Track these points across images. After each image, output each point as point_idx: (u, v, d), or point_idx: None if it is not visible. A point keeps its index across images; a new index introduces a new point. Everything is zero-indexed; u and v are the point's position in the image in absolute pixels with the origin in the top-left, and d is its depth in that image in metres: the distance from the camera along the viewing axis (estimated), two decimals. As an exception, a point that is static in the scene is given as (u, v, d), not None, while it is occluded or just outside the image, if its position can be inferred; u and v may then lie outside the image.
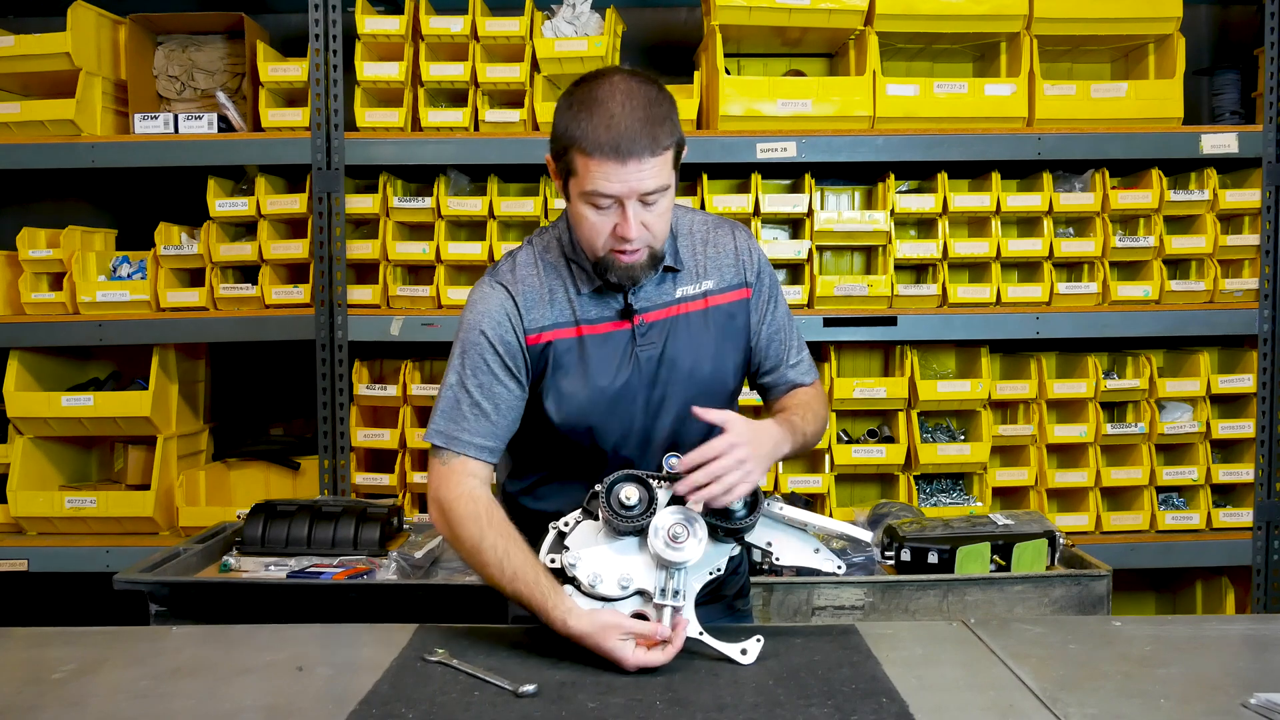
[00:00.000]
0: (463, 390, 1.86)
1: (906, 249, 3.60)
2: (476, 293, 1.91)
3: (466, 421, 1.86)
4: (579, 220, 1.81)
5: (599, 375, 1.86)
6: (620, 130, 1.71)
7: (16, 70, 3.63)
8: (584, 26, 3.60)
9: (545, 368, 1.88)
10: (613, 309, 1.89)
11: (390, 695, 1.62)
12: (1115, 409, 3.75)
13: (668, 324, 1.90)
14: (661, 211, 1.80)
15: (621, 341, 1.88)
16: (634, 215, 1.76)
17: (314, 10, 3.46)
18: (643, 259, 1.82)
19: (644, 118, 1.73)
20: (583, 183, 1.76)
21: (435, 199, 3.58)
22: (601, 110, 1.73)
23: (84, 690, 1.67)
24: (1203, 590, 3.88)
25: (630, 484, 1.74)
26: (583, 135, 1.73)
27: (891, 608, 2.52)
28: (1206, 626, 1.99)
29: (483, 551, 1.79)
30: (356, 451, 3.64)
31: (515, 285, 1.89)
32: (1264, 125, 3.53)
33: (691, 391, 1.89)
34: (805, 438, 1.93)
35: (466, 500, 1.82)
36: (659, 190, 1.76)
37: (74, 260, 3.63)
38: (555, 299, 1.89)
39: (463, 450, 1.85)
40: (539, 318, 1.87)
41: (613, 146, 1.71)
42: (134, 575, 2.51)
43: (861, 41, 3.53)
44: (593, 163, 1.73)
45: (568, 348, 1.87)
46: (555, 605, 1.72)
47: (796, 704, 1.56)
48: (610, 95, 1.74)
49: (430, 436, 1.88)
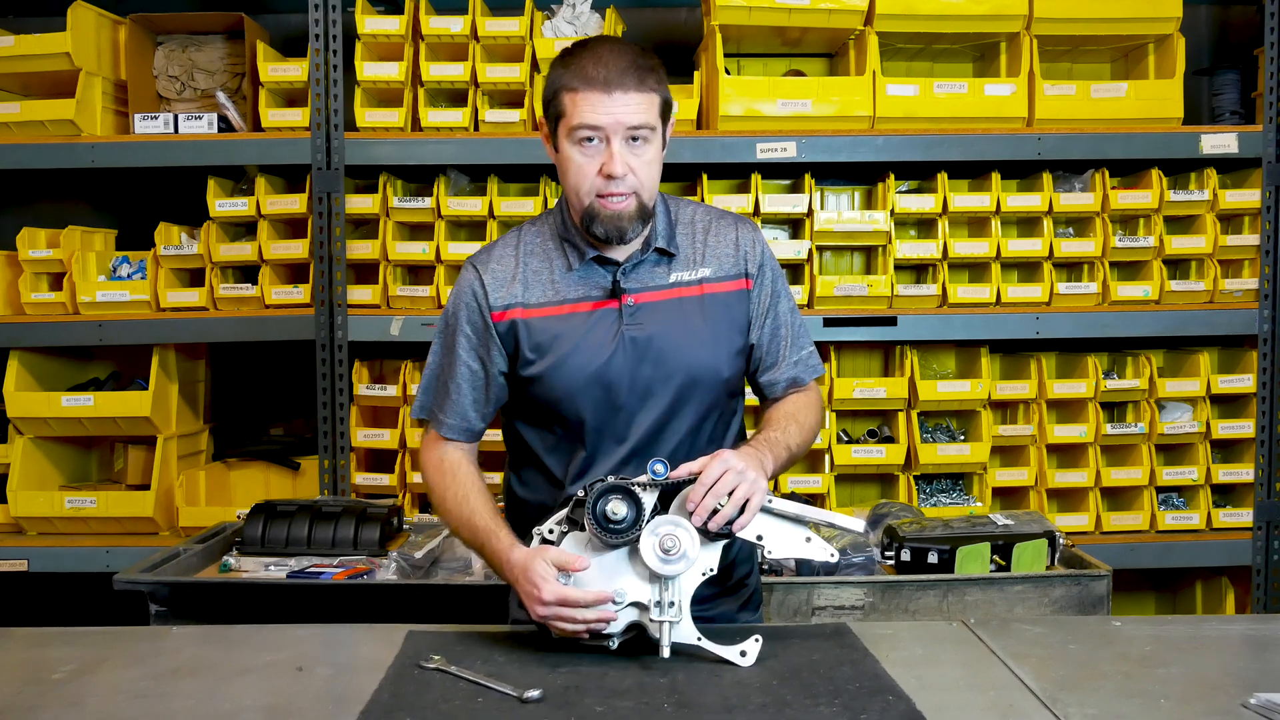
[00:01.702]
0: (434, 371, 1.99)
1: (906, 249, 3.60)
2: (462, 269, 1.99)
3: (437, 400, 1.98)
4: (566, 167, 1.85)
5: (581, 352, 1.86)
6: (608, 65, 1.78)
7: (16, 70, 3.63)
8: (584, 26, 3.60)
9: (519, 345, 1.90)
10: (601, 288, 1.89)
11: (392, 704, 1.58)
12: (1115, 409, 3.75)
13: (659, 307, 1.89)
14: (649, 160, 1.83)
15: (608, 320, 1.87)
16: (619, 151, 1.80)
17: (314, 10, 3.46)
18: (630, 207, 1.83)
19: (631, 60, 1.80)
20: (570, 119, 1.81)
21: (435, 199, 3.58)
22: (589, 53, 1.82)
23: (84, 690, 1.67)
24: (1203, 590, 3.88)
25: (615, 497, 1.70)
26: (571, 75, 1.80)
27: (891, 608, 2.52)
28: (1206, 626, 1.99)
29: (447, 501, 1.92)
30: (356, 451, 3.64)
31: (486, 266, 1.94)
32: (1264, 125, 3.53)
33: (682, 378, 1.87)
34: (791, 451, 1.90)
35: (436, 460, 1.96)
36: (644, 128, 1.80)
37: (74, 260, 3.63)
38: (536, 278, 1.91)
39: (435, 426, 1.98)
40: (505, 295, 1.90)
41: (600, 80, 1.78)
42: (134, 575, 2.51)
43: (861, 41, 3.53)
44: (579, 96, 1.79)
45: (544, 326, 1.88)
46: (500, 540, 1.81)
47: (804, 703, 1.56)
48: (599, 44, 1.85)
49: (414, 410, 2.05)
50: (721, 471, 1.69)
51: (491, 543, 1.83)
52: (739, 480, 1.69)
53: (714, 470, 1.69)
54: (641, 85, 1.79)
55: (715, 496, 1.68)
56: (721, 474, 1.69)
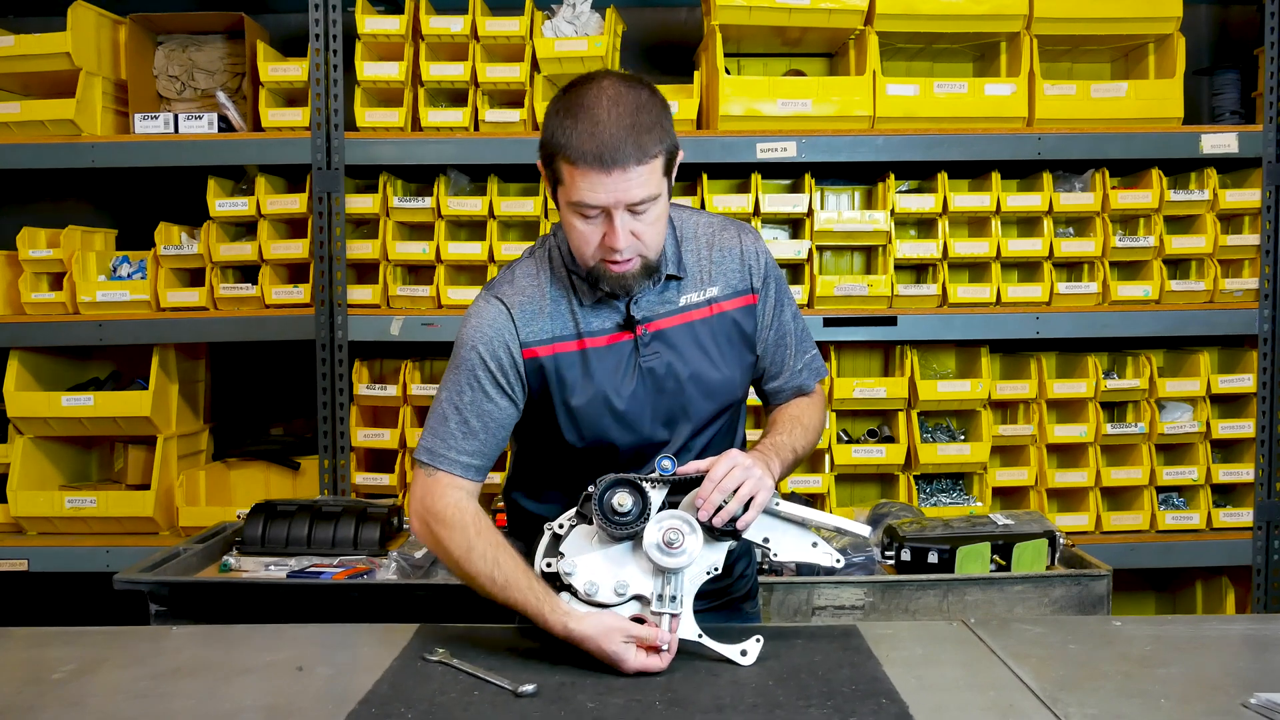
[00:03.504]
0: (452, 408, 1.84)
1: (906, 249, 3.60)
2: (474, 307, 1.88)
3: (454, 439, 1.83)
4: (568, 229, 1.78)
5: (605, 388, 1.83)
6: (605, 139, 1.67)
7: (16, 70, 3.63)
8: (584, 26, 3.60)
9: (547, 382, 1.84)
10: (615, 320, 1.85)
11: (390, 695, 1.62)
12: (1115, 409, 3.75)
13: (672, 333, 1.87)
14: (652, 220, 1.75)
15: (625, 353, 1.85)
16: (621, 225, 1.72)
17: (314, 10, 3.46)
18: (635, 269, 1.78)
19: (630, 125, 1.68)
20: (569, 192, 1.72)
21: (435, 199, 3.58)
22: (587, 117, 1.69)
23: (84, 690, 1.67)
24: (1203, 590, 3.88)
25: (622, 489, 1.72)
26: (568, 143, 1.69)
27: (891, 608, 2.52)
28: (1206, 626, 1.99)
29: (472, 561, 1.78)
30: (356, 451, 3.64)
31: (512, 298, 1.85)
32: (1264, 125, 3.53)
33: (700, 400, 1.88)
34: (797, 454, 1.92)
35: (454, 510, 1.81)
36: (647, 200, 1.72)
37: (74, 260, 3.63)
38: (557, 311, 1.85)
39: (448, 468, 1.83)
40: (537, 331, 1.84)
41: (596, 155, 1.67)
42: (134, 575, 2.51)
43: (861, 41, 3.53)
44: (578, 172, 1.69)
45: (570, 362, 1.84)
46: (553, 610, 1.72)
47: (795, 705, 1.56)
48: (597, 101, 1.70)
49: (419, 453, 1.86)
50: (729, 468, 1.71)
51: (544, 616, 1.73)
52: (745, 476, 1.71)
53: (722, 467, 1.71)
54: (642, 156, 1.69)
55: (722, 492, 1.70)
56: (729, 470, 1.71)
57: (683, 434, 1.89)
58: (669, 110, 1.77)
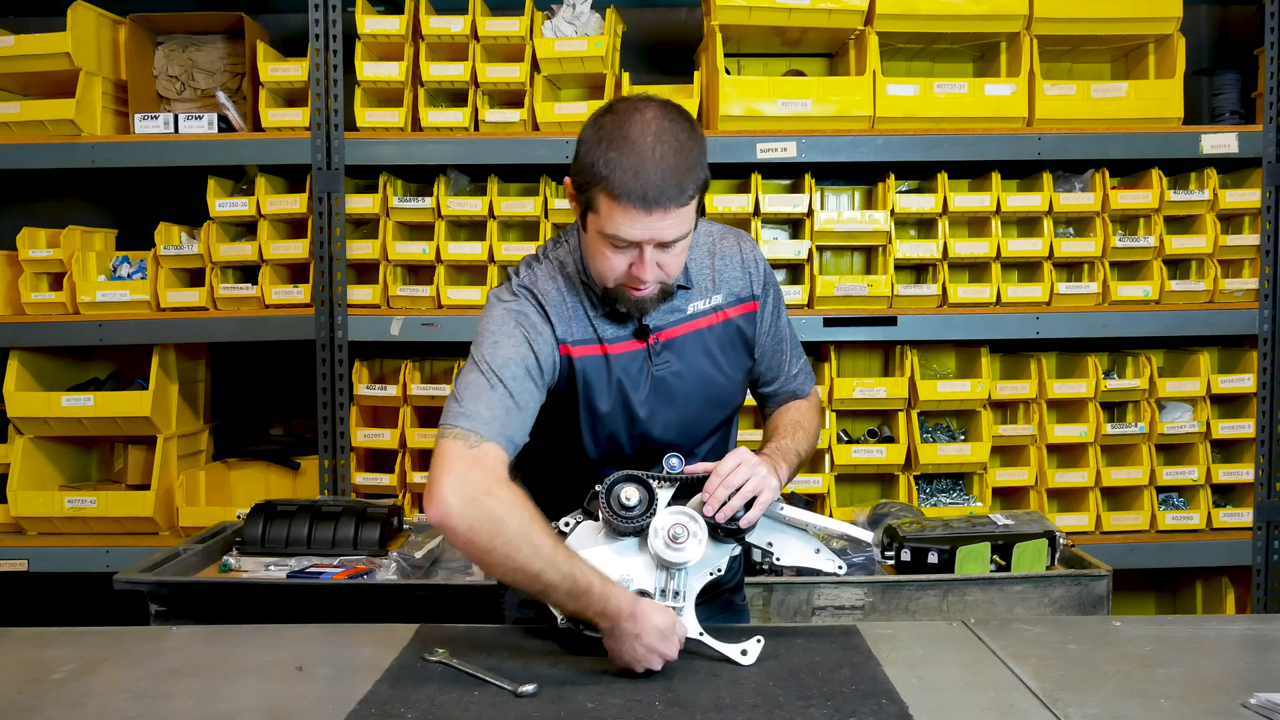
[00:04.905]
0: (496, 380, 1.72)
1: (906, 249, 3.60)
2: (502, 294, 1.84)
3: (497, 411, 1.71)
4: (593, 253, 1.77)
5: (628, 394, 1.84)
6: (649, 179, 1.65)
7: (16, 70, 3.63)
8: (584, 26, 3.60)
9: (575, 382, 1.83)
10: (629, 329, 1.86)
11: (390, 695, 1.62)
12: (1115, 409, 3.75)
13: (681, 341, 1.88)
14: (679, 251, 1.75)
15: (638, 361, 1.86)
16: (651, 259, 1.72)
17: (314, 10, 3.46)
18: (654, 293, 1.79)
19: (674, 165, 1.66)
20: (603, 223, 1.70)
21: (435, 199, 3.58)
22: (632, 152, 1.66)
23: (84, 690, 1.67)
24: (1203, 590, 3.88)
25: (630, 484, 1.74)
26: (610, 176, 1.66)
27: (891, 608, 2.52)
28: (1206, 626, 2.00)
29: (536, 531, 1.66)
30: (356, 451, 3.64)
31: (545, 295, 1.83)
32: (1264, 125, 3.53)
33: (707, 408, 1.91)
34: (800, 457, 1.95)
35: (507, 486, 1.67)
36: (680, 238, 1.73)
37: (74, 260, 3.63)
38: (576, 315, 1.84)
39: (494, 438, 1.69)
40: (566, 332, 1.83)
41: (640, 195, 1.65)
42: (134, 575, 2.51)
43: (861, 41, 3.53)
44: (617, 207, 1.67)
45: (597, 365, 1.84)
46: (623, 592, 1.67)
47: (795, 705, 1.56)
48: (641, 136, 1.67)
49: (457, 420, 1.69)
50: (736, 464, 1.74)
51: (613, 595, 1.66)
52: (751, 474, 1.74)
53: (728, 463, 1.75)
54: (681, 197, 1.67)
55: (728, 487, 1.72)
56: (735, 466, 1.74)
57: (688, 441, 1.90)
58: (704, 144, 1.74)
